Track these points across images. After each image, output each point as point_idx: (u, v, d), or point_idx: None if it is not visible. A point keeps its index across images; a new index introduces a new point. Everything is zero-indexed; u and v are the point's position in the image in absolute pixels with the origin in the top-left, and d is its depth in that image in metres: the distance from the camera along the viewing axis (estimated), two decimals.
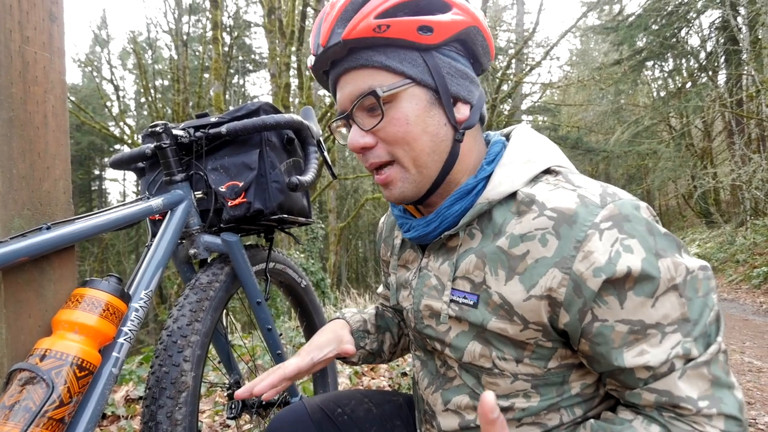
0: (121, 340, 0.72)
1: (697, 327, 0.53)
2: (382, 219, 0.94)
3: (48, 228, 0.67)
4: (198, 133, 0.99)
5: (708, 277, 0.55)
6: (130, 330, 0.73)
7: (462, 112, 0.65)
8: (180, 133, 0.97)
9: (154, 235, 0.94)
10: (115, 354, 0.71)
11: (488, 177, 0.65)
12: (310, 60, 0.68)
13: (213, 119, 1.02)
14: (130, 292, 0.77)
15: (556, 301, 0.56)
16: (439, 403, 0.71)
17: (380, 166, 0.66)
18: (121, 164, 1.07)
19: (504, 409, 0.63)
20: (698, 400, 0.53)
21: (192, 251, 0.99)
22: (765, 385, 2.72)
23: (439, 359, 0.71)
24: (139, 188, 1.11)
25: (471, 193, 0.65)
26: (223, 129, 0.98)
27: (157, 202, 0.89)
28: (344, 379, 2.43)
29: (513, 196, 0.62)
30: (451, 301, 0.66)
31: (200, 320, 0.90)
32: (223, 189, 0.99)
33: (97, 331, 0.66)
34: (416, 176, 0.65)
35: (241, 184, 0.98)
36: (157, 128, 0.94)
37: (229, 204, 0.99)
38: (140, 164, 1.09)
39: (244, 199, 0.98)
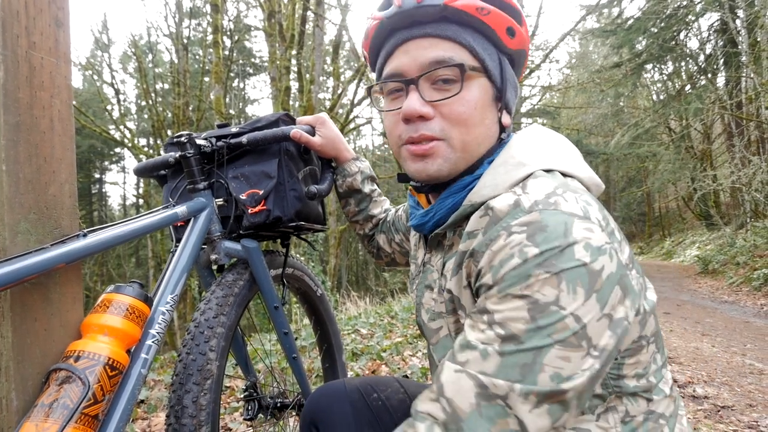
0: (148, 342, 0.74)
1: (516, 350, 0.48)
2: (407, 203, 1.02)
3: (84, 235, 0.70)
4: (219, 143, 1.01)
5: (578, 334, 0.48)
6: (157, 332, 0.75)
7: (505, 119, 0.68)
8: (203, 142, 1.00)
9: (177, 241, 0.96)
10: (143, 355, 0.73)
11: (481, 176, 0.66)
12: (388, 11, 0.65)
13: (234, 129, 1.05)
14: (157, 297, 0.80)
15: (471, 289, 0.59)
16: None
17: (424, 140, 0.65)
18: (145, 172, 1.10)
19: None
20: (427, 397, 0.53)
21: (213, 257, 1.01)
22: (766, 388, 2.71)
23: (437, 356, 0.73)
24: (162, 195, 1.12)
25: (465, 189, 0.66)
26: (244, 139, 1.00)
27: (181, 209, 0.91)
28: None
29: None
30: (440, 301, 0.68)
31: (225, 314, 0.94)
32: (243, 197, 1.01)
33: (124, 332, 0.68)
34: (458, 159, 0.65)
35: (261, 192, 1.00)
36: (182, 138, 0.97)
37: (250, 211, 1.01)
38: (162, 172, 1.12)
39: (264, 207, 1.01)
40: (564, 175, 0.62)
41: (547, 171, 0.61)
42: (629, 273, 0.53)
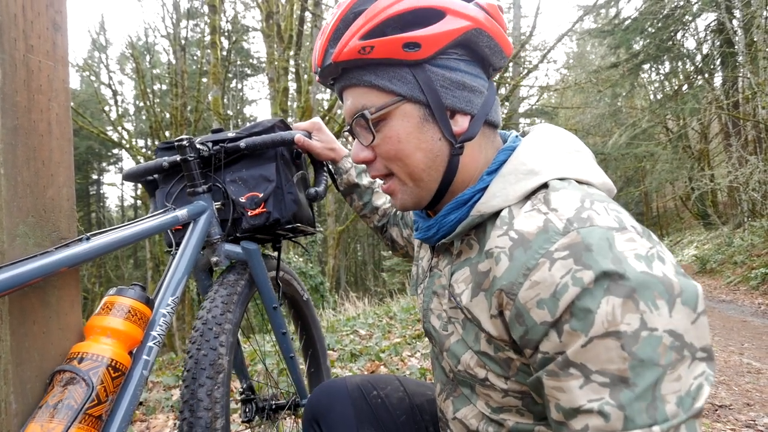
0: (149, 343, 0.74)
1: (634, 396, 0.44)
2: None
3: (88, 239, 0.71)
4: (216, 147, 1.03)
5: (677, 347, 0.44)
6: (158, 334, 0.76)
7: (460, 124, 0.63)
8: (200, 147, 1.01)
9: (177, 245, 0.97)
10: (144, 357, 0.73)
11: (485, 188, 0.63)
12: (315, 71, 0.69)
13: (230, 134, 1.07)
14: (158, 299, 0.80)
15: (505, 321, 0.55)
16: (450, 411, 0.71)
17: (379, 178, 0.69)
18: (136, 176, 1.10)
19: (497, 423, 0.63)
20: None
21: (214, 259, 1.02)
22: (764, 387, 2.72)
23: (445, 361, 0.72)
24: (156, 200, 1.12)
25: (466, 204, 0.64)
26: (242, 143, 1.02)
27: (182, 212, 0.92)
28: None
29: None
30: (452, 306, 0.67)
31: (231, 311, 0.96)
32: (243, 200, 1.04)
33: (126, 334, 0.69)
34: (414, 189, 0.66)
35: (261, 195, 1.03)
36: (183, 142, 0.98)
37: (249, 214, 1.03)
38: (150, 177, 1.12)
39: (264, 209, 1.03)
40: (579, 182, 0.59)
41: (561, 179, 0.58)
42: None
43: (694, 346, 0.45)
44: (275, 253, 1.24)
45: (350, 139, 0.73)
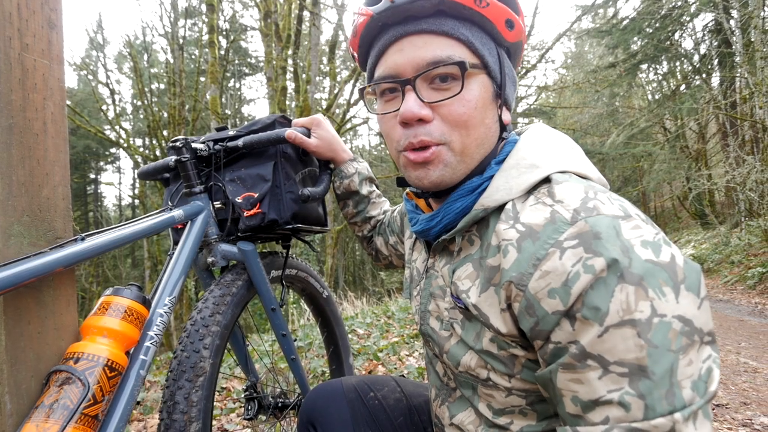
0: (147, 343, 0.75)
1: (653, 384, 0.44)
2: (402, 205, 1.00)
3: (82, 239, 0.71)
4: (217, 146, 1.03)
5: (687, 332, 0.44)
6: (155, 334, 0.77)
7: (505, 116, 0.65)
8: (200, 146, 1.01)
9: (176, 244, 0.98)
10: (142, 357, 0.73)
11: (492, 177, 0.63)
12: (379, 6, 0.61)
13: (231, 132, 1.06)
14: (155, 299, 0.81)
15: (513, 313, 0.55)
16: (446, 417, 0.71)
17: (424, 146, 0.61)
18: (148, 175, 1.11)
19: (502, 428, 0.62)
20: None
21: (210, 259, 1.02)
22: (761, 386, 2.73)
23: (442, 364, 0.71)
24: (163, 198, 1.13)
25: (474, 192, 0.63)
26: (240, 142, 1.02)
27: (178, 212, 0.93)
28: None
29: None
30: (451, 307, 0.66)
31: (221, 313, 0.95)
32: (239, 200, 1.02)
33: (123, 334, 0.69)
34: (457, 164, 0.62)
35: (256, 195, 1.02)
36: (177, 143, 0.98)
37: (245, 214, 1.02)
38: (166, 174, 1.12)
39: (259, 210, 1.02)
40: (578, 176, 0.59)
41: (561, 173, 0.58)
42: None
43: (702, 331, 0.46)
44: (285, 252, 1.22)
45: (375, 101, 0.68)
